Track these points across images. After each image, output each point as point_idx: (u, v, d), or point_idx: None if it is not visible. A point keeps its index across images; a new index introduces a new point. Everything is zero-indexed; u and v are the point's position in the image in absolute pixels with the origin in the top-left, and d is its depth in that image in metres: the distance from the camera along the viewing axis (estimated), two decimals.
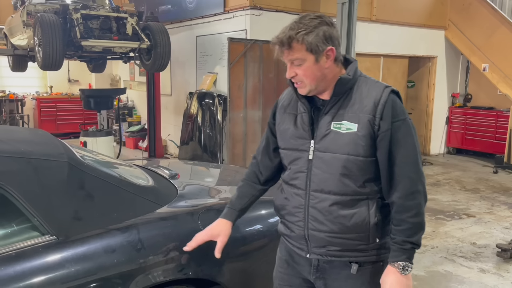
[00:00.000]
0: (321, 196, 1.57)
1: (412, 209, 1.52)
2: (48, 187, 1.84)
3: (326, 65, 1.52)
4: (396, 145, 1.51)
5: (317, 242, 1.61)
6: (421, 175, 1.55)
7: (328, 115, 1.57)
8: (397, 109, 1.53)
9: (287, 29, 1.51)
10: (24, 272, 1.66)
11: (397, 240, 1.53)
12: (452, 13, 8.64)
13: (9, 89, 10.18)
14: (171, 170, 2.76)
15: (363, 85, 1.56)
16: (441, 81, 8.95)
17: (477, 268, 3.81)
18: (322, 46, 1.49)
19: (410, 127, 1.55)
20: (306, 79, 1.53)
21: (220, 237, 1.75)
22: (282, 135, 1.69)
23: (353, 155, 1.52)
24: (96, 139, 6.40)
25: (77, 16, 5.45)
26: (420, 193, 1.54)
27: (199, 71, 7.54)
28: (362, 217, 1.54)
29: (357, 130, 1.51)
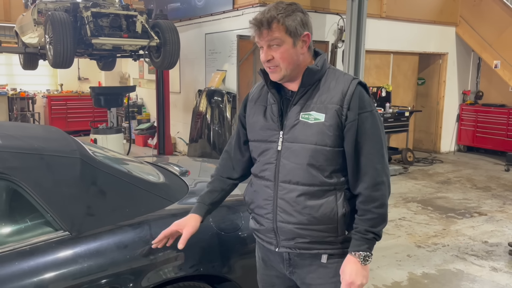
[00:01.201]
0: (289, 187, 1.57)
1: (377, 199, 1.53)
2: (61, 183, 1.85)
3: (302, 50, 1.55)
4: (363, 136, 1.53)
5: (285, 234, 1.60)
6: (385, 167, 1.57)
7: (297, 105, 1.58)
8: (364, 100, 1.55)
9: (266, 11, 1.52)
10: (38, 267, 1.68)
11: (360, 229, 1.54)
12: (463, 10, 8.54)
13: (20, 87, 10.29)
14: (181, 167, 2.77)
15: (331, 76, 1.58)
16: (452, 78, 8.86)
17: (488, 266, 3.78)
18: (300, 30, 1.52)
19: (377, 119, 1.57)
20: (283, 63, 1.53)
21: (185, 228, 1.73)
22: (252, 127, 1.69)
23: (321, 145, 1.53)
24: (106, 136, 6.44)
25: (88, 14, 5.48)
26: (385, 184, 1.55)
27: (208, 68, 7.55)
28: (329, 207, 1.55)
29: (325, 120, 1.52)
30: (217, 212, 2.14)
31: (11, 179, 1.74)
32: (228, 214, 2.19)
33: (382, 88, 7.83)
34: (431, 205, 5.53)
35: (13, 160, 1.80)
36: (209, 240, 2.04)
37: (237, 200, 2.39)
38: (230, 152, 1.84)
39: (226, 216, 2.17)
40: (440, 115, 8.89)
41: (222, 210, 2.19)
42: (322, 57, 1.61)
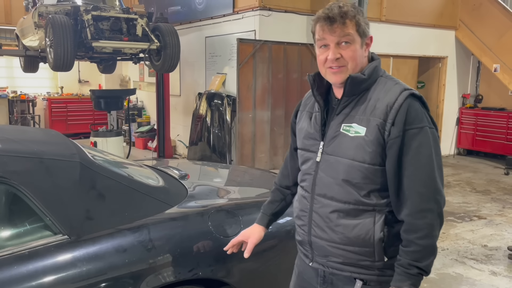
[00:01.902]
0: (324, 201, 1.48)
1: (421, 229, 1.35)
2: (60, 187, 1.86)
3: (365, 53, 1.45)
4: (408, 155, 1.36)
5: (319, 250, 1.53)
6: (435, 192, 1.37)
7: (340, 115, 1.47)
8: (413, 115, 1.37)
9: (336, 7, 1.40)
10: (37, 271, 1.68)
11: (402, 262, 1.38)
12: (463, 13, 8.56)
13: (20, 89, 10.30)
14: (181, 171, 2.78)
15: (381, 86, 1.44)
16: (452, 81, 8.87)
17: (488, 270, 3.77)
18: (367, 31, 1.43)
19: (429, 137, 1.37)
20: (351, 62, 1.42)
21: (250, 238, 1.73)
22: (299, 134, 1.62)
23: (358, 161, 1.40)
24: (106, 139, 6.45)
25: (88, 17, 5.50)
26: (433, 212, 1.36)
27: (208, 71, 7.57)
28: (365, 229, 1.42)
29: (365, 134, 1.39)
30: (216, 216, 2.16)
31: (10, 183, 1.75)
32: (227, 218, 2.19)
33: None
34: None
35: (13, 164, 1.81)
36: (208, 244, 2.04)
37: (236, 204, 2.40)
38: (287, 159, 1.79)
39: (225, 220, 2.17)
40: (439, 118, 8.89)
41: (221, 214, 2.20)
42: (371, 65, 1.46)
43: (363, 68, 1.45)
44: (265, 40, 6.12)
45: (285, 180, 1.79)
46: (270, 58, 6.14)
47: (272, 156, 6.37)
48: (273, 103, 6.24)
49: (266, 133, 6.25)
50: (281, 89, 6.29)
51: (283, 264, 2.35)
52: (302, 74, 6.45)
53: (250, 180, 3.24)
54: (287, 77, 6.32)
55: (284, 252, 2.35)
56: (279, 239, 2.29)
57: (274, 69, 6.20)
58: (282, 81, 6.28)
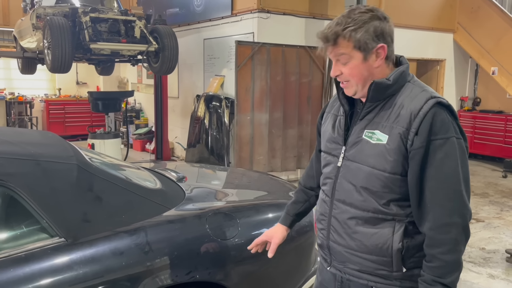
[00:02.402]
0: (343, 207, 1.47)
1: (445, 244, 1.31)
2: (57, 189, 1.85)
3: (376, 64, 1.39)
4: (431, 167, 1.31)
5: (337, 255, 1.51)
6: (461, 206, 1.32)
7: (363, 121, 1.43)
8: (439, 124, 1.31)
9: (334, 24, 1.38)
10: (34, 274, 1.67)
11: (426, 278, 1.33)
12: (461, 16, 8.59)
13: (18, 91, 10.28)
14: (178, 173, 2.77)
15: (407, 92, 1.39)
16: (450, 84, 8.89)
17: (486, 273, 3.77)
18: (371, 44, 1.36)
19: (455, 149, 1.31)
20: (353, 79, 1.40)
21: (273, 238, 1.74)
22: (323, 137, 1.60)
23: (379, 169, 1.37)
24: (103, 141, 6.43)
25: (86, 19, 5.49)
26: (457, 227, 1.31)
27: (206, 74, 7.56)
28: (383, 239, 1.39)
29: (387, 142, 1.35)
30: (214, 219, 2.15)
31: (7, 185, 1.74)
32: (224, 221, 2.18)
33: None
34: None
35: (10, 166, 1.80)
36: (205, 247, 2.03)
37: (233, 206, 2.40)
38: (312, 160, 1.77)
39: (222, 223, 2.17)
40: None
41: (219, 217, 2.19)
42: (398, 70, 1.41)
43: (382, 77, 1.41)
44: (263, 42, 6.12)
45: (310, 181, 1.77)
46: (269, 61, 6.14)
47: (270, 158, 6.36)
48: (271, 105, 6.23)
49: (264, 136, 6.24)
50: (280, 91, 6.29)
51: (281, 267, 2.35)
52: (301, 77, 6.46)
53: (248, 182, 3.24)
54: (286, 80, 6.32)
55: (281, 255, 2.33)
56: None
57: (273, 72, 6.20)
58: (280, 84, 6.28)
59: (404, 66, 1.43)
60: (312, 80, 6.49)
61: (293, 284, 2.43)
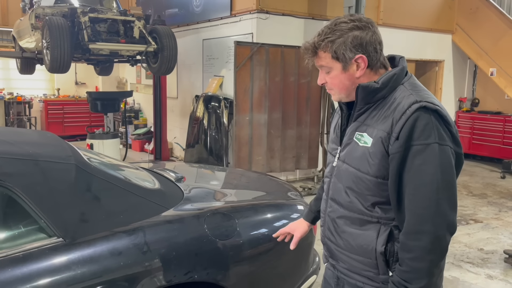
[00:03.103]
0: (334, 206, 1.52)
1: (413, 251, 1.30)
2: (55, 189, 1.85)
3: (357, 74, 1.39)
4: (409, 172, 1.30)
5: (331, 253, 1.57)
6: (436, 215, 1.27)
7: (356, 123, 1.45)
8: (420, 129, 1.28)
9: (316, 35, 1.42)
10: (31, 274, 1.66)
11: (394, 279, 1.35)
12: (460, 17, 8.61)
13: (17, 91, 10.27)
14: (177, 173, 2.77)
15: (397, 95, 1.38)
16: (448, 85, 8.91)
17: (484, 274, 3.78)
18: (349, 55, 1.37)
19: (436, 155, 1.27)
20: (335, 88, 1.45)
21: (295, 232, 1.81)
22: (329, 135, 1.67)
23: (362, 172, 1.39)
24: (102, 141, 6.43)
25: (85, 19, 5.49)
26: (428, 235, 1.28)
27: (205, 74, 7.57)
28: (367, 240, 1.41)
29: (370, 146, 1.37)
30: (212, 219, 2.15)
31: (5, 185, 1.73)
32: (223, 221, 2.18)
33: None
34: None
35: (8, 166, 1.79)
36: (204, 247, 2.03)
37: (232, 207, 2.39)
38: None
39: (221, 223, 2.17)
40: None
41: (217, 217, 2.19)
42: (389, 73, 1.39)
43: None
44: (262, 43, 6.12)
45: None
46: (268, 61, 6.15)
47: (269, 159, 6.37)
48: (270, 106, 6.24)
49: (263, 136, 6.25)
50: (278, 92, 6.29)
51: (279, 268, 2.35)
52: (299, 77, 6.46)
53: (247, 183, 3.24)
54: (284, 80, 6.33)
55: (279, 256, 2.34)
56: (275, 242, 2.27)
57: (271, 72, 6.20)
58: (279, 84, 6.29)
59: (397, 69, 1.42)
60: (311, 81, 6.49)
61: (291, 284, 2.43)
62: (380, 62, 1.42)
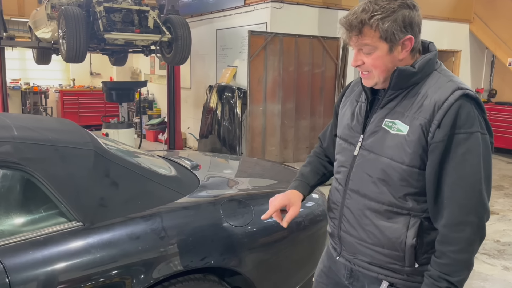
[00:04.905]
0: (357, 198, 1.42)
1: (457, 243, 1.26)
2: (74, 174, 1.88)
3: (401, 56, 1.31)
4: (452, 162, 1.25)
5: (347, 246, 1.48)
6: (479, 205, 1.26)
7: (384, 109, 1.37)
8: (464, 117, 1.24)
9: (359, 10, 1.29)
10: (52, 257, 1.70)
11: (432, 273, 1.29)
12: (477, 6, 8.43)
13: (33, 81, 10.40)
14: (192, 161, 2.79)
15: (432, 81, 1.32)
16: (465, 75, 8.76)
17: (500, 265, 3.74)
18: (399, 35, 1.28)
19: (479, 144, 1.25)
20: (375, 70, 1.33)
21: (292, 208, 1.54)
22: (340, 122, 1.53)
23: (396, 161, 1.31)
24: (117, 131, 6.50)
25: (100, 9, 5.51)
26: (472, 226, 1.26)
27: (218, 64, 7.56)
28: (397, 233, 1.34)
29: (407, 133, 1.29)
30: (228, 206, 2.16)
31: (26, 170, 1.77)
32: (239, 207, 2.19)
33: None
34: None
35: (28, 151, 1.83)
36: (220, 234, 2.05)
37: (248, 194, 2.41)
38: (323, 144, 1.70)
39: (237, 209, 2.18)
40: None
41: (233, 204, 2.20)
42: (425, 57, 1.34)
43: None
44: (276, 32, 6.09)
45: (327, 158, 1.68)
46: (281, 51, 6.11)
47: (283, 149, 6.36)
48: (284, 96, 6.21)
49: (276, 126, 6.23)
50: (292, 82, 6.25)
51: (294, 256, 2.36)
52: (314, 67, 6.41)
53: (261, 171, 3.25)
54: (298, 70, 6.29)
55: (294, 244, 2.35)
56: (290, 230, 2.28)
57: (285, 62, 6.17)
58: (293, 74, 6.25)
59: (431, 54, 1.36)
60: (325, 70, 6.45)
61: (305, 273, 2.44)
62: (420, 45, 1.37)
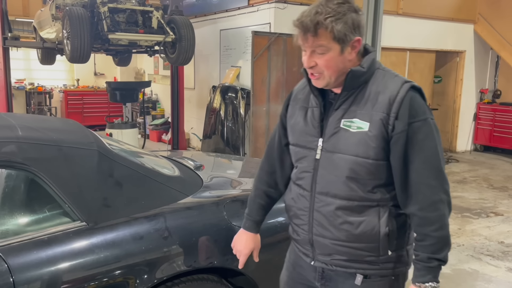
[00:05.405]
0: (326, 200, 1.45)
1: (436, 221, 1.36)
2: (78, 174, 1.88)
3: (350, 56, 1.39)
4: (414, 149, 1.35)
5: (322, 249, 1.50)
6: (444, 182, 1.38)
7: (339, 111, 1.43)
8: (416, 107, 1.36)
9: (313, 13, 1.34)
10: (56, 256, 1.70)
11: (421, 257, 1.38)
12: (482, 7, 8.40)
13: (37, 81, 10.45)
14: (196, 161, 2.79)
15: (379, 79, 1.42)
16: (469, 76, 8.72)
17: (504, 267, 3.72)
18: (350, 36, 1.35)
19: (432, 129, 1.38)
20: (327, 71, 1.38)
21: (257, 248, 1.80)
22: (292, 130, 1.57)
23: (362, 157, 1.38)
24: (121, 131, 6.51)
25: (104, 10, 5.53)
26: (444, 203, 1.37)
27: (222, 65, 7.57)
28: (371, 225, 1.41)
29: (368, 129, 1.37)
30: (231, 206, 2.16)
31: (30, 170, 1.78)
32: (242, 208, 2.18)
33: None
34: None
35: (33, 151, 1.83)
36: (223, 234, 2.05)
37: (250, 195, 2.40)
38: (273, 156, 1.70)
39: (240, 210, 2.17)
40: (456, 113, 8.76)
41: (236, 204, 2.20)
42: (369, 57, 1.42)
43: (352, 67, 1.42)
44: (280, 33, 6.09)
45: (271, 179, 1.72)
46: (285, 51, 6.11)
47: None
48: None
49: None
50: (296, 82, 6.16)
51: None
52: None
53: None
54: None
55: None
56: None
57: (289, 62, 6.17)
58: (296, 74, 6.24)
59: (373, 53, 1.44)
60: None
61: None
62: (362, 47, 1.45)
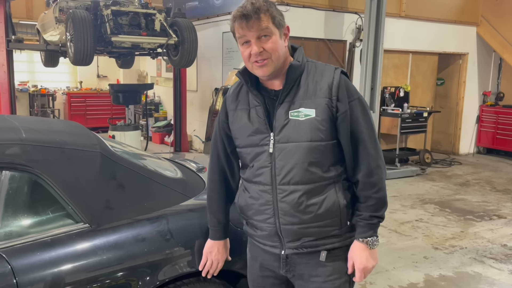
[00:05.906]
0: (289, 188, 1.54)
1: (376, 184, 1.55)
2: (81, 176, 1.89)
3: (285, 43, 1.54)
4: (356, 124, 1.53)
5: (291, 236, 1.58)
6: (379, 150, 1.58)
7: (284, 104, 1.54)
8: (351, 88, 1.55)
9: (249, 3, 1.47)
10: (59, 258, 1.71)
11: (364, 216, 1.56)
12: (485, 9, 8.39)
13: (41, 84, 10.49)
14: (198, 164, 2.79)
15: (312, 69, 1.57)
16: (472, 78, 8.71)
17: (507, 270, 3.71)
18: (282, 22, 1.52)
19: (365, 105, 1.58)
20: (274, 54, 1.49)
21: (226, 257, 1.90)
22: (239, 133, 1.63)
23: (316, 140, 1.51)
24: (124, 133, 6.52)
25: (108, 12, 5.55)
26: (381, 168, 1.57)
27: (225, 67, 7.58)
28: (331, 201, 1.54)
29: (316, 115, 1.51)
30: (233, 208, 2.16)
31: (33, 172, 1.78)
32: None
33: (401, 88, 7.75)
34: (449, 207, 5.45)
35: (36, 153, 1.84)
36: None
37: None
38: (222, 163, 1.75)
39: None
40: (459, 116, 8.75)
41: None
42: (300, 51, 1.59)
43: (286, 58, 1.56)
44: None
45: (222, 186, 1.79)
46: None
47: None
48: None
49: None
50: None
51: None
52: None
53: None
54: None
55: None
56: None
57: None
58: None
59: (302, 48, 1.61)
60: None
61: None
62: None
